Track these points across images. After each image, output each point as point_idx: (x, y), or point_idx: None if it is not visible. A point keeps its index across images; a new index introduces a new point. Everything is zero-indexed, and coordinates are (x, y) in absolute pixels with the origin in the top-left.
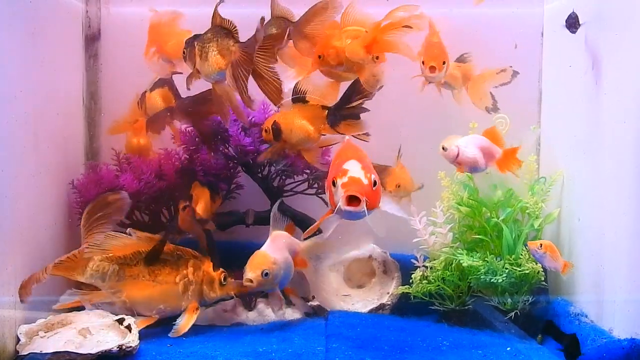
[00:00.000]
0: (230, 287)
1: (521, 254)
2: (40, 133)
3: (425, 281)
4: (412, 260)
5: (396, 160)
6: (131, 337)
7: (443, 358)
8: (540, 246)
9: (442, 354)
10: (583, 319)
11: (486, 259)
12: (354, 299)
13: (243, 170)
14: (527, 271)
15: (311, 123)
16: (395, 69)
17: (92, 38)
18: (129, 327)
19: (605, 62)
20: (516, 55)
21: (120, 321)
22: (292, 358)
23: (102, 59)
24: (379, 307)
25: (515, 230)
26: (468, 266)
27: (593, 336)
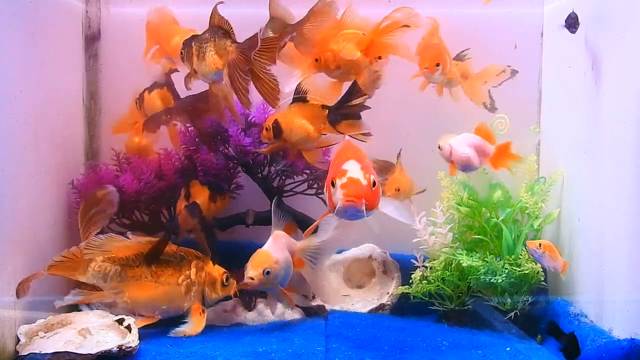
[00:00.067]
0: (232, 288)
1: (521, 254)
2: (40, 133)
3: (425, 281)
4: (412, 260)
5: (395, 165)
6: (131, 337)
7: (443, 358)
8: (539, 246)
9: (442, 354)
10: (583, 319)
11: (486, 259)
12: (354, 299)
13: (243, 170)
14: (527, 271)
15: (311, 122)
16: (395, 69)
17: (92, 38)
18: (129, 328)
19: (605, 62)
20: (516, 55)
21: (120, 321)
22: (292, 358)
23: (102, 59)
24: (379, 307)
25: (514, 230)
26: (468, 266)
27: (593, 336)
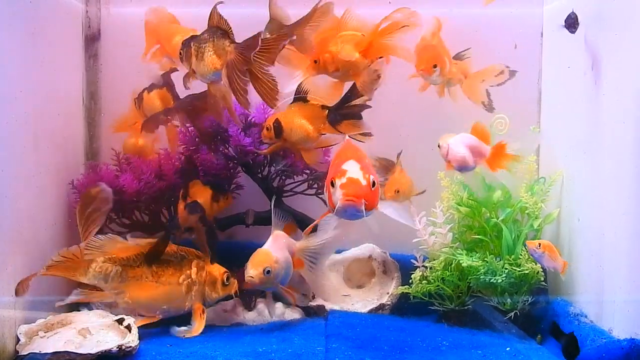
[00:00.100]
0: (233, 287)
1: (521, 254)
2: (40, 133)
3: (424, 281)
4: (412, 260)
5: (395, 165)
6: (131, 337)
7: (442, 358)
8: (538, 246)
9: (442, 354)
10: (582, 319)
11: (486, 259)
12: (354, 299)
13: (243, 170)
14: (527, 271)
15: (311, 122)
16: (395, 69)
17: (92, 38)
18: (129, 327)
19: (604, 62)
20: (516, 55)
21: (120, 321)
22: (292, 358)
23: (102, 59)
24: (379, 307)
25: (514, 230)
26: (467, 266)
27: (592, 336)
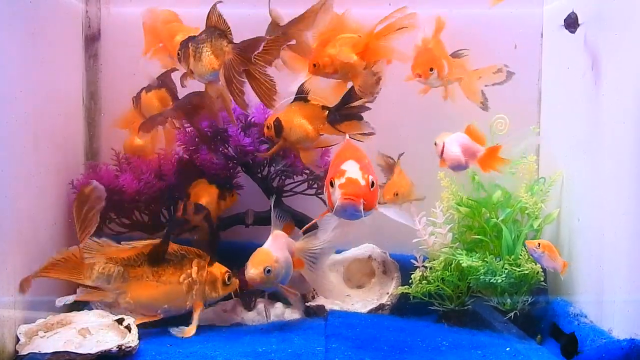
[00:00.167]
0: (233, 287)
1: (520, 255)
2: (40, 133)
3: (424, 281)
4: (412, 260)
5: (395, 167)
6: (131, 337)
7: (442, 358)
8: (538, 245)
9: (442, 354)
10: (582, 320)
11: (485, 260)
12: (354, 299)
13: (243, 170)
14: (527, 271)
15: (311, 122)
16: (395, 69)
17: (92, 38)
18: (129, 327)
19: (604, 63)
20: (516, 55)
21: (119, 321)
22: (292, 358)
23: (102, 59)
24: (379, 308)
25: (514, 230)
26: (467, 266)
27: (592, 336)
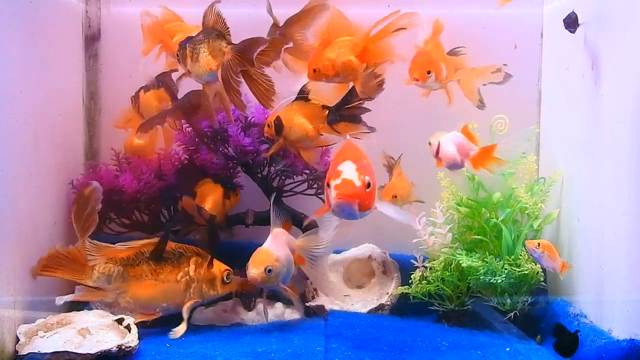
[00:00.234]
0: (233, 286)
1: (520, 255)
2: (40, 133)
3: (424, 281)
4: (412, 260)
5: (394, 168)
6: (130, 337)
7: (442, 358)
8: (538, 245)
9: (441, 355)
10: (582, 320)
11: (485, 260)
12: (354, 299)
13: (242, 170)
14: (527, 272)
15: (311, 122)
16: (395, 69)
17: (92, 38)
18: (129, 327)
19: (604, 63)
20: (516, 55)
21: (119, 321)
22: (292, 358)
23: (102, 59)
24: (379, 308)
25: (514, 230)
26: (467, 267)
27: (592, 337)
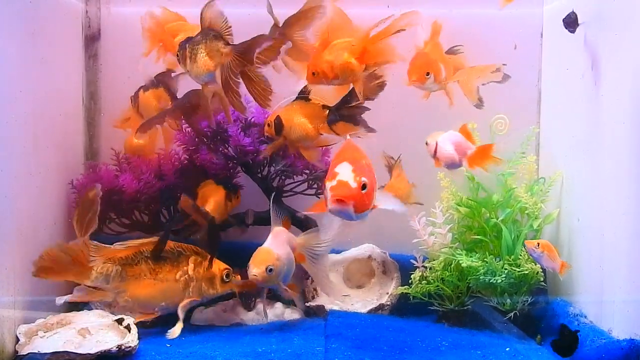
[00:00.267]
0: (232, 284)
1: (520, 255)
2: (40, 133)
3: (424, 282)
4: (412, 260)
5: (393, 169)
6: (130, 337)
7: (442, 358)
8: (537, 245)
9: (441, 355)
10: (582, 320)
11: (485, 260)
12: (354, 299)
13: (242, 170)
14: (526, 272)
15: (311, 122)
16: (395, 69)
17: (92, 38)
18: (129, 327)
19: (604, 63)
20: (516, 55)
21: (119, 321)
22: (292, 358)
23: (102, 59)
24: (378, 308)
25: (514, 230)
26: (467, 267)
27: (592, 337)
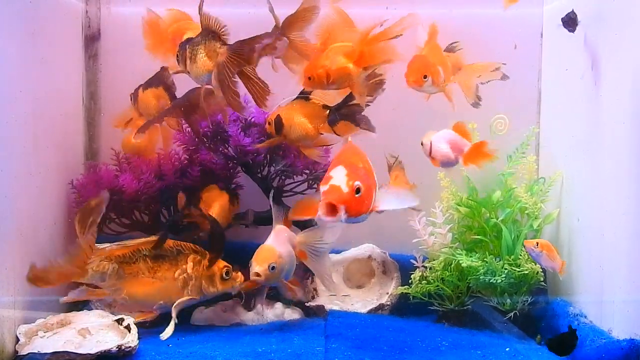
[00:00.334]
0: (232, 282)
1: (520, 255)
2: (40, 133)
3: (424, 281)
4: (412, 260)
5: (391, 171)
6: (130, 337)
7: (442, 358)
8: (536, 245)
9: (441, 355)
10: (582, 320)
11: (485, 260)
12: (354, 299)
13: (242, 170)
14: (526, 272)
15: (311, 121)
16: (395, 69)
17: (92, 38)
18: (129, 327)
19: (604, 63)
20: (516, 55)
21: (119, 321)
22: (292, 358)
23: (102, 59)
24: (378, 308)
25: (514, 230)
26: (467, 266)
27: (592, 337)
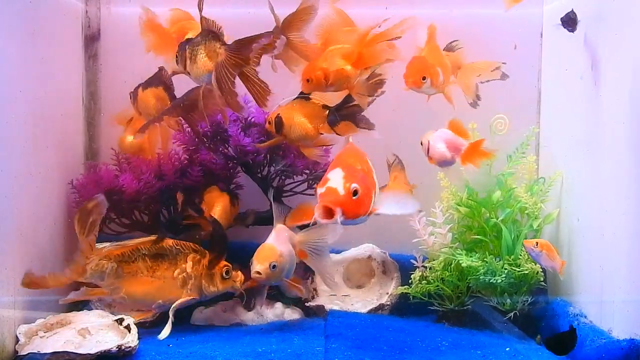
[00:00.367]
0: (232, 282)
1: (520, 255)
2: (40, 133)
3: (424, 281)
4: (412, 260)
5: (390, 171)
6: (130, 337)
7: (442, 358)
8: (536, 244)
9: (441, 354)
10: (582, 320)
11: (485, 260)
12: (353, 299)
13: (242, 170)
14: (526, 271)
15: (311, 121)
16: (395, 69)
17: (92, 38)
18: (129, 327)
19: (604, 63)
20: (515, 55)
21: (119, 321)
22: (292, 358)
23: (102, 59)
24: (378, 308)
25: (514, 230)
26: (467, 266)
27: (592, 337)
